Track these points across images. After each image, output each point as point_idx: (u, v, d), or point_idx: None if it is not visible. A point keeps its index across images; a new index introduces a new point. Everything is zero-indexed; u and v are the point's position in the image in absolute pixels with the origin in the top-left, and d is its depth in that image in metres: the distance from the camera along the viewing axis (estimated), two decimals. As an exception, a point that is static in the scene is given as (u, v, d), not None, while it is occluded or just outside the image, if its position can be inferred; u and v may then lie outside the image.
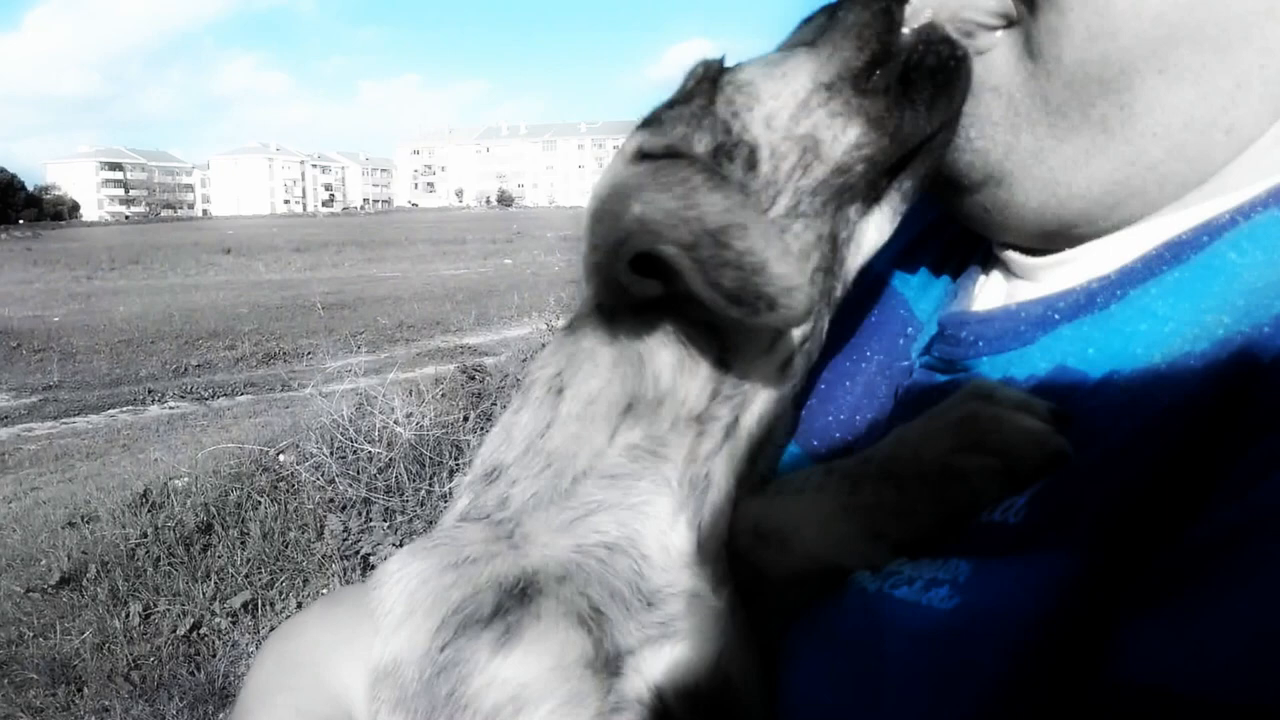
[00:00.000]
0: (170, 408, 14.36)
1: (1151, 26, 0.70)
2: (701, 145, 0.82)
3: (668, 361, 0.82)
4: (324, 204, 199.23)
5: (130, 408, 14.45)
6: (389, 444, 8.01)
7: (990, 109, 0.80)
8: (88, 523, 8.18)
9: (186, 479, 8.86)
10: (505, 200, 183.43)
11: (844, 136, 0.81)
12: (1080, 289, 0.77)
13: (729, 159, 0.82)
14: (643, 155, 0.80)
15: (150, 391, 15.29)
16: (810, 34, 0.87)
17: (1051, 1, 0.73)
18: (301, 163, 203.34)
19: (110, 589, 6.85)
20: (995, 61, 0.79)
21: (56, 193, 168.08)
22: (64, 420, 13.88)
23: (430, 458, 7.93)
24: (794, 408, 0.92)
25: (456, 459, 7.75)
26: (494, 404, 8.10)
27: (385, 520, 7.18)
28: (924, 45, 0.82)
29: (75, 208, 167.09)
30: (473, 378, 8.83)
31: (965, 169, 0.83)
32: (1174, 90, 0.72)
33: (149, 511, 8.08)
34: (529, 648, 0.74)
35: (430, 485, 7.51)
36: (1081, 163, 0.77)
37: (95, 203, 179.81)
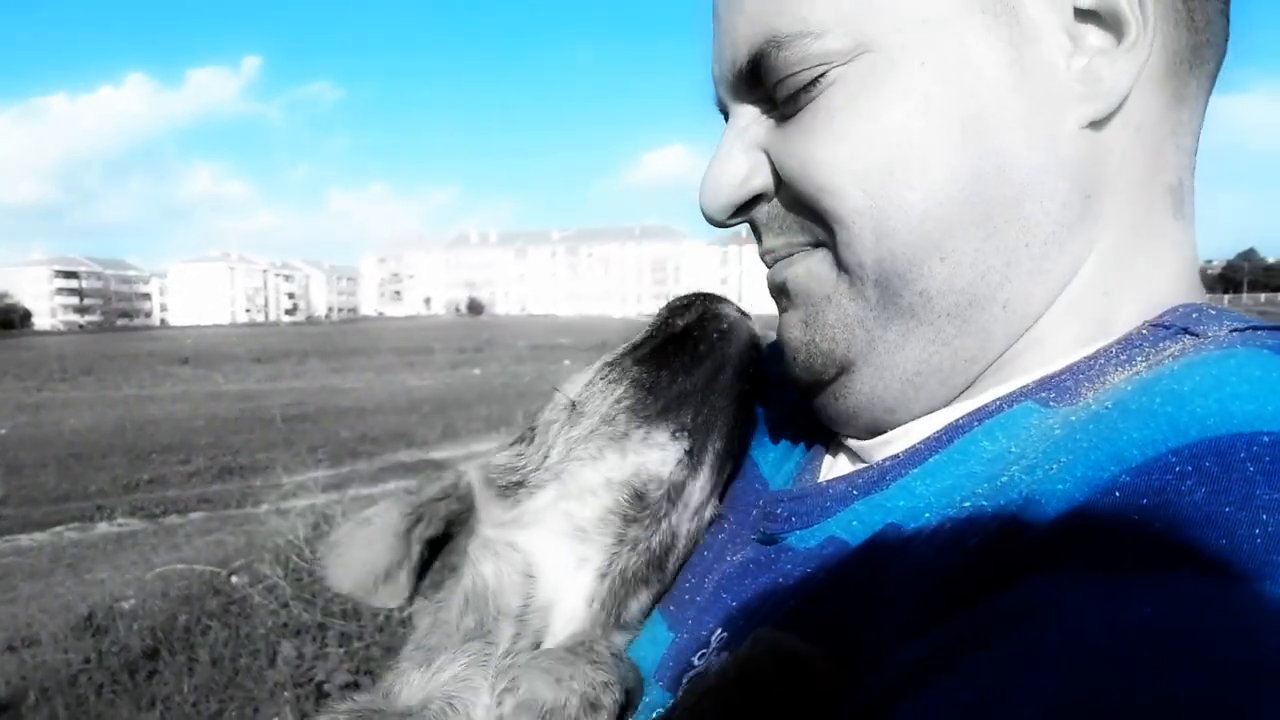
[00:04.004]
0: (119, 525, 14.13)
1: (921, 222, 0.82)
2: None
3: (489, 570, 1.01)
4: (287, 312, 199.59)
5: (78, 525, 14.19)
6: (347, 565, 7.94)
7: (827, 315, 0.92)
8: (28, 646, 8.01)
9: (134, 601, 8.74)
10: (475, 308, 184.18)
11: (610, 395, 1.04)
12: (876, 467, 0.88)
13: (521, 440, 1.11)
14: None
15: (99, 508, 15.00)
16: None
17: (839, 221, 0.86)
18: (264, 271, 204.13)
19: (49, 718, 6.72)
20: (822, 275, 0.91)
21: (8, 301, 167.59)
22: (7, 538, 13.60)
23: (390, 579, 7.86)
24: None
25: (418, 580, 7.69)
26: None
27: (341, 646, 7.11)
28: (695, 322, 1.07)
29: (27, 316, 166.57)
30: (436, 495, 8.81)
31: (821, 369, 0.94)
32: (958, 273, 0.84)
33: (93, 635, 7.95)
34: None
35: (390, 610, 7.44)
36: (900, 345, 0.88)
37: (48, 311, 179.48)
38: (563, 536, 1.00)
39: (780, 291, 0.97)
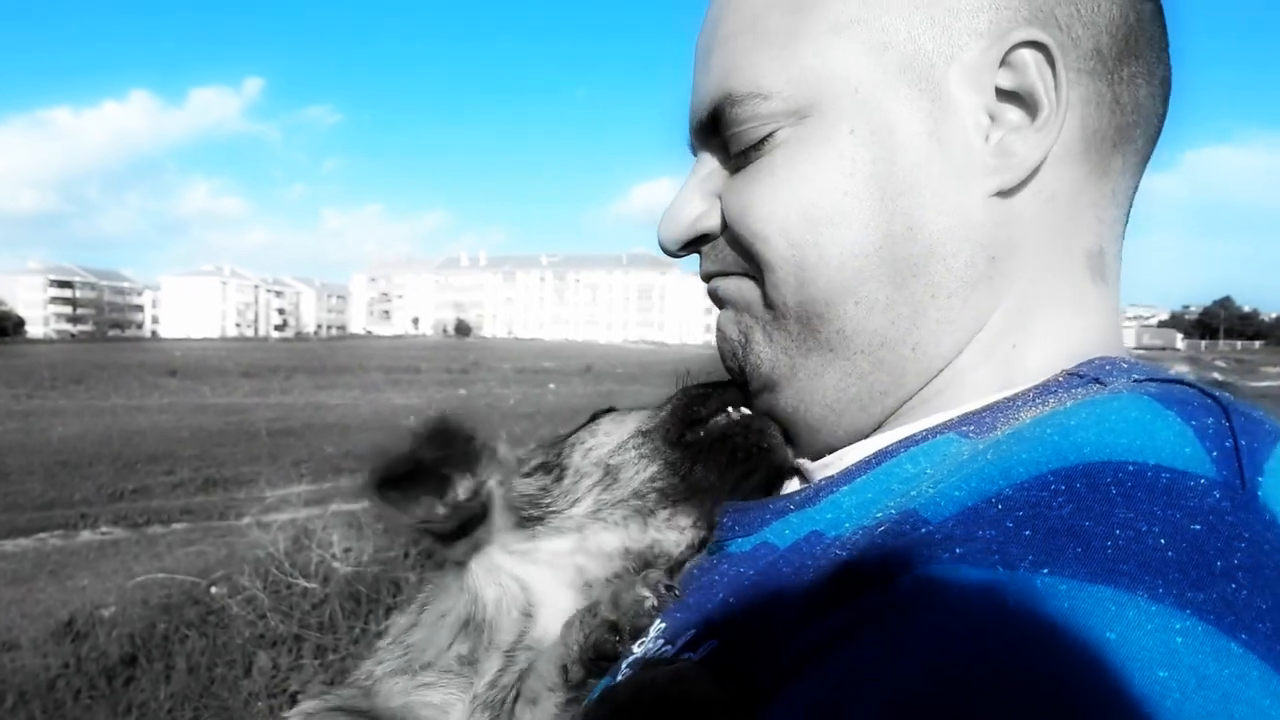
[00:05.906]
0: (103, 533, 14.06)
1: (838, 271, 0.92)
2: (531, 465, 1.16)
3: (491, 598, 1.04)
4: (277, 328, 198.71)
5: (61, 532, 14.11)
6: (325, 579, 7.97)
7: (755, 335, 1.02)
8: (8, 651, 7.99)
9: (114, 609, 8.72)
10: (463, 330, 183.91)
11: (644, 472, 1.10)
12: (813, 486, 0.97)
13: (546, 472, 1.13)
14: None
15: (83, 516, 14.92)
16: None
17: (768, 265, 0.96)
18: (256, 286, 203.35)
19: (26, 722, 6.69)
20: (751, 300, 1.01)
21: (2, 308, 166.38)
22: (-9, 543, 13.57)
23: (367, 594, 7.89)
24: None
25: (395, 596, 7.72)
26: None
27: (316, 658, 7.11)
28: (740, 427, 1.10)
29: (20, 324, 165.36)
30: (415, 512, 8.79)
31: (750, 377, 1.05)
32: (870, 316, 0.93)
33: (73, 641, 7.93)
34: None
35: (365, 623, 7.47)
36: (819, 374, 0.98)
37: (41, 319, 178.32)
38: (569, 587, 1.05)
39: (716, 298, 1.08)
